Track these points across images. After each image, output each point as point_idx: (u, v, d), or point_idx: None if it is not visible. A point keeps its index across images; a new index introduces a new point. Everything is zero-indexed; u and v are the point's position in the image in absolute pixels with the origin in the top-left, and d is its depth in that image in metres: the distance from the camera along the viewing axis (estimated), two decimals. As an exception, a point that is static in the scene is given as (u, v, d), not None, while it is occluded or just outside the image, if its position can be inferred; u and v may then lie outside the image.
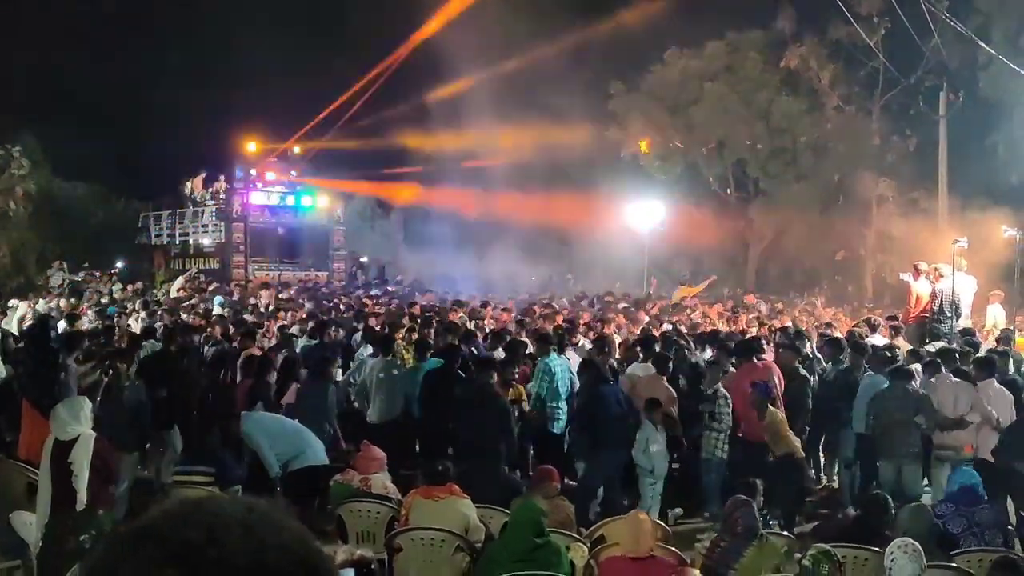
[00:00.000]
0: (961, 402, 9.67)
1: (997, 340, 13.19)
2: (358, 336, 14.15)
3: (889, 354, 10.97)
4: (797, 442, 9.69)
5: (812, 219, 31.70)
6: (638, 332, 14.57)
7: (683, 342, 12.72)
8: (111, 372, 10.76)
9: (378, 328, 14.10)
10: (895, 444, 9.49)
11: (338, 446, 10.12)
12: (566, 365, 11.00)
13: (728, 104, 31.84)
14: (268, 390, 10.35)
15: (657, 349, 11.40)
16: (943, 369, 10.25)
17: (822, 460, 11.92)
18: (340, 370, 12.19)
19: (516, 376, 10.62)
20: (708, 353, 12.20)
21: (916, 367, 10.55)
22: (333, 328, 14.22)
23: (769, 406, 9.63)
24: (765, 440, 9.79)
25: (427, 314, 15.69)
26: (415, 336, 13.01)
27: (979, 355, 11.08)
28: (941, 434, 9.63)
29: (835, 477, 11.58)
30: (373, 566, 6.80)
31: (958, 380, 9.97)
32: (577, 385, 10.73)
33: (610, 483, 9.77)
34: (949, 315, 14.75)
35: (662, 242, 32.10)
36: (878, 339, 13.16)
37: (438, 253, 30.84)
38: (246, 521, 1.16)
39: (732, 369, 10.78)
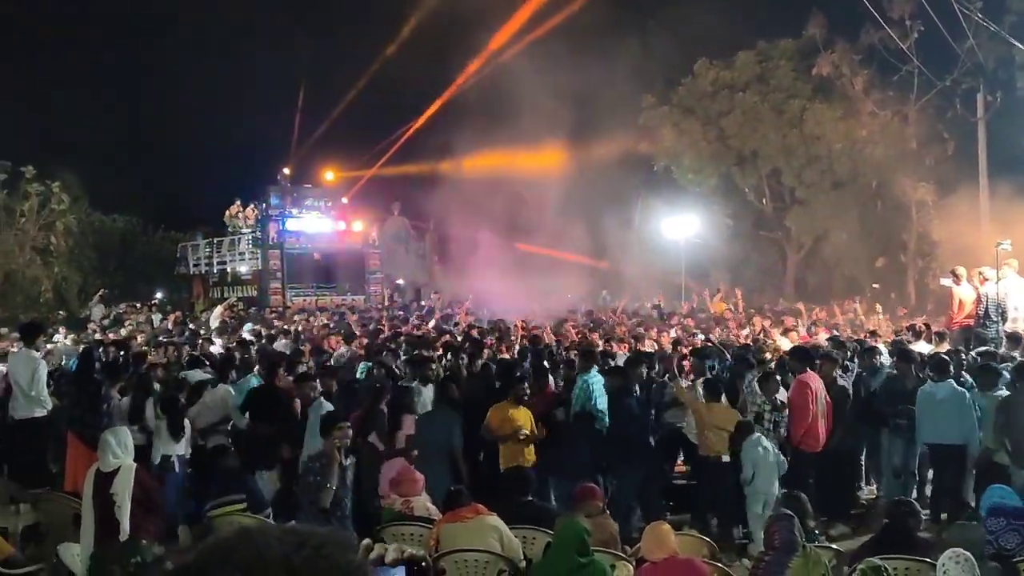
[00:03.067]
0: None
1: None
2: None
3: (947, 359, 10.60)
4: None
5: (850, 226, 31.35)
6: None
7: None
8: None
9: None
10: None
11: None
12: (603, 382, 10.88)
13: (760, 113, 31.66)
14: (382, 420, 9.84)
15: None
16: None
17: (863, 469, 11.76)
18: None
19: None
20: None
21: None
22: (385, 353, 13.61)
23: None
24: (817, 451, 9.72)
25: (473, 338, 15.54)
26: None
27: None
28: None
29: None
30: (425, 563, 6.72)
31: None
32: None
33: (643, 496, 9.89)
34: (995, 319, 14.32)
35: (699, 254, 31.92)
36: (923, 346, 12.93)
37: (473, 274, 30.80)
38: (289, 564, 1.10)
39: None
